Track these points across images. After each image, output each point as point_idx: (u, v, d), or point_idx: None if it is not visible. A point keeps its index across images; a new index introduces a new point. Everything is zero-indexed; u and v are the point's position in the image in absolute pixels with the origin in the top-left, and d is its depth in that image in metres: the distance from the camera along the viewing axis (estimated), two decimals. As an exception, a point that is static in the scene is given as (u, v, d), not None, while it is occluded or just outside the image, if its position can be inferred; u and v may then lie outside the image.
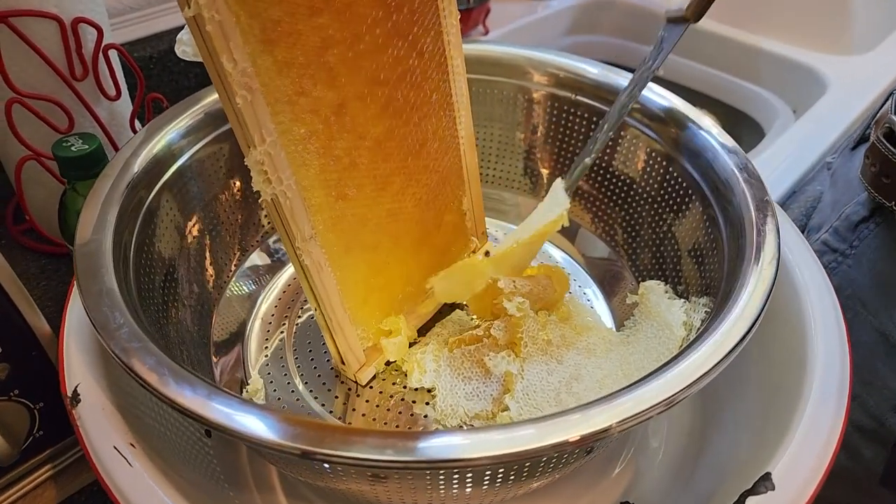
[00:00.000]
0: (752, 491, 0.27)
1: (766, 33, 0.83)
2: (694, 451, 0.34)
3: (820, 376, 0.31)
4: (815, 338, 0.33)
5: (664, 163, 0.40)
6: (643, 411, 0.24)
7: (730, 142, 0.37)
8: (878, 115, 0.43)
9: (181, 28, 0.62)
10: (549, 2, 0.89)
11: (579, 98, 0.44)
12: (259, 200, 0.42)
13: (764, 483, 0.26)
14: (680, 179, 0.38)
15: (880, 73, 0.74)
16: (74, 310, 0.31)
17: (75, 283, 0.28)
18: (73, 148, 0.37)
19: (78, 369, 0.29)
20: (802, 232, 0.50)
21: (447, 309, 0.41)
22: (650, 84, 0.40)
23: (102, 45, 0.41)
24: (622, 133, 0.42)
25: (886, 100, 0.43)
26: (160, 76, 0.59)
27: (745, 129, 0.82)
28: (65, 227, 0.41)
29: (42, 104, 0.40)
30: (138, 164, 0.36)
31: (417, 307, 0.40)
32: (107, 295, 0.27)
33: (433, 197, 0.39)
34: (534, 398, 0.35)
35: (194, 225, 0.40)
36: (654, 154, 0.40)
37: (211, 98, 0.40)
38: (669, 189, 0.39)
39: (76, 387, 0.28)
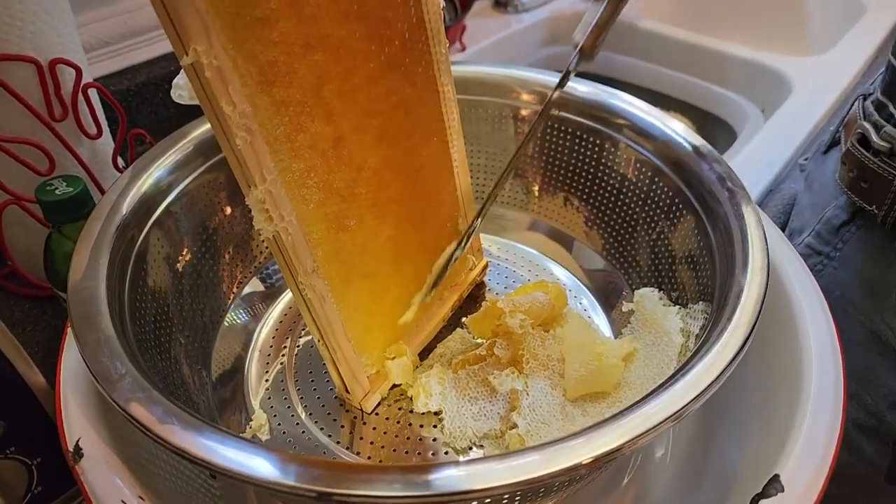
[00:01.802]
0: (763, 494, 0.27)
1: (729, 37, 0.85)
2: (699, 457, 0.35)
3: (816, 374, 0.32)
4: (808, 338, 0.34)
5: (651, 174, 0.41)
6: (653, 427, 0.25)
7: (711, 151, 0.38)
8: (847, 118, 0.45)
9: (158, 59, 0.62)
10: (522, 15, 0.90)
11: (563, 114, 0.44)
12: (261, 238, 0.42)
13: (773, 485, 0.27)
14: (667, 190, 0.39)
15: (840, 71, 0.77)
16: (69, 359, 0.31)
17: (71, 332, 0.28)
18: (57, 191, 0.36)
19: (78, 422, 0.28)
20: (783, 230, 0.51)
21: (447, 330, 0.42)
22: (633, 99, 0.41)
23: (81, 84, 0.40)
24: (610, 147, 0.43)
25: (853, 103, 0.45)
26: (139, 109, 0.59)
27: (717, 131, 0.84)
28: (51, 271, 0.40)
29: (21, 147, 0.40)
30: (127, 205, 0.35)
31: (419, 329, 0.40)
32: (105, 343, 0.27)
33: (430, 220, 0.39)
34: (540, 413, 0.35)
35: (187, 261, 0.39)
36: (640, 166, 0.41)
37: (198, 131, 0.40)
38: (658, 200, 0.40)
39: (77, 441, 0.28)
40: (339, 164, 0.31)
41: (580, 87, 0.43)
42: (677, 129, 0.39)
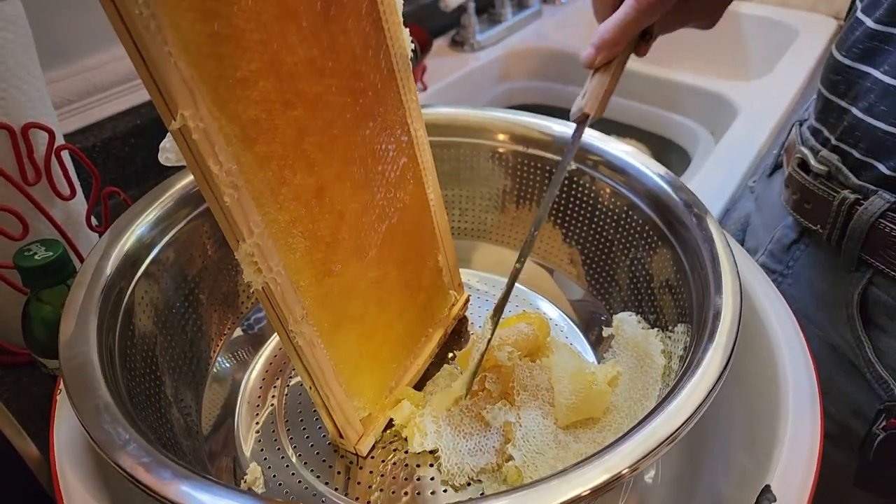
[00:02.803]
0: (757, 505, 0.28)
1: (676, 66, 0.90)
2: (689, 476, 0.36)
3: (792, 384, 0.34)
4: (781, 350, 0.36)
5: (624, 206, 0.42)
6: (652, 450, 0.26)
7: (676, 180, 0.40)
8: (787, 143, 0.48)
9: (122, 114, 0.62)
10: (479, 53, 0.94)
11: (540, 153, 0.46)
12: (246, 288, 0.42)
13: (766, 496, 0.28)
14: (640, 220, 0.41)
15: (780, 94, 0.82)
16: (62, 428, 0.30)
17: (65, 400, 0.27)
18: (36, 256, 0.36)
19: (77, 492, 0.27)
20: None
21: (434, 367, 0.42)
22: (604, 136, 0.43)
23: (55, 146, 0.40)
24: (585, 182, 0.44)
25: (791, 129, 0.47)
26: (105, 164, 0.58)
27: (671, 155, 0.88)
28: (29, 337, 0.39)
29: (-7, 213, 0.39)
30: (110, 266, 0.35)
31: (406, 369, 0.40)
32: (105, 410, 0.27)
33: (411, 259, 0.40)
34: (534, 443, 0.36)
35: (174, 314, 0.39)
36: (615, 199, 0.43)
37: (177, 186, 0.40)
38: (632, 230, 0.42)
39: (78, 511, 0.27)
40: (323, 212, 0.32)
41: (555, 127, 0.45)
42: (645, 163, 0.41)
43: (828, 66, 0.43)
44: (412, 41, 0.37)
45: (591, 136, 0.44)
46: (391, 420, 0.38)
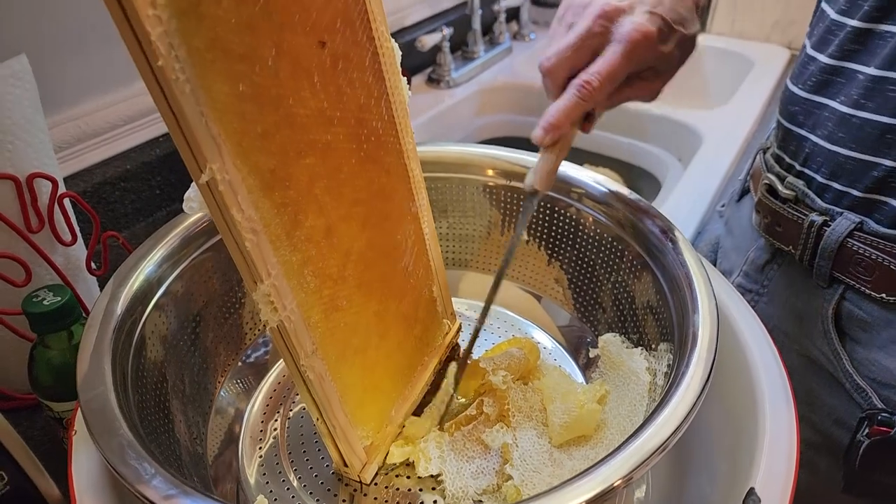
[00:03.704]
0: (744, 507, 0.31)
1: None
2: (678, 489, 0.38)
3: (768, 394, 0.37)
4: (756, 363, 0.38)
5: (606, 234, 0.45)
6: (643, 461, 0.28)
7: (652, 208, 0.43)
8: (752, 170, 0.51)
9: (112, 159, 0.63)
10: (454, 90, 0.97)
11: (513, 184, 0.49)
12: (263, 327, 0.43)
13: (751, 497, 0.31)
14: (620, 246, 0.44)
15: (740, 121, 0.87)
16: (80, 467, 0.31)
17: (91, 440, 0.28)
18: (45, 302, 0.37)
19: (101, 530, 0.28)
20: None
21: (430, 395, 0.44)
22: (585, 170, 0.46)
23: (58, 195, 0.42)
24: (570, 213, 0.47)
25: (755, 156, 0.51)
26: (96, 208, 0.59)
27: (642, 181, 0.93)
28: (35, 381, 0.39)
29: (-3, 260, 0.40)
30: (120, 307, 0.36)
31: (405, 397, 0.42)
32: (129, 447, 0.28)
33: (409, 291, 0.42)
34: (531, 462, 0.38)
35: (182, 349, 0.40)
36: (597, 228, 0.46)
37: (179, 228, 0.41)
38: (613, 256, 0.45)
39: (106, 550, 0.28)
40: (331, 251, 0.34)
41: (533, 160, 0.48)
42: (623, 193, 0.44)
43: (785, 98, 0.46)
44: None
45: (574, 171, 0.47)
46: (394, 447, 0.40)
